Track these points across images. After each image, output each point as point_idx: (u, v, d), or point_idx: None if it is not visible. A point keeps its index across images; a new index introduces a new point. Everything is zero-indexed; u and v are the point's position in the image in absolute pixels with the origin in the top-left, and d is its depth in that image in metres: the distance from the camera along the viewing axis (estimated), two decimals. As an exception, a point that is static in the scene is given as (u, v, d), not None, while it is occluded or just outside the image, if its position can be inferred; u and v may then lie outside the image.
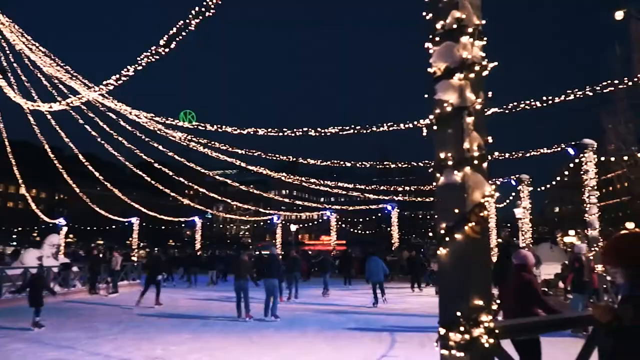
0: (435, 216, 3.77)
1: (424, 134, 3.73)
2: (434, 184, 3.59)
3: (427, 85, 3.77)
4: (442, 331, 3.32)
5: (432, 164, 3.63)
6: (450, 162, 3.41)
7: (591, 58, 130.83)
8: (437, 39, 3.61)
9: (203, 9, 8.07)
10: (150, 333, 11.42)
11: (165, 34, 9.13)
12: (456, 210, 3.36)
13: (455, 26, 3.52)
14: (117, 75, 10.70)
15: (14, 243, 63.49)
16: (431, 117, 3.58)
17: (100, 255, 24.46)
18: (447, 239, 3.38)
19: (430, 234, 68.28)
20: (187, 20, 8.45)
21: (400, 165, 25.70)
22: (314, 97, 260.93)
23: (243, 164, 28.74)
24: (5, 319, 13.06)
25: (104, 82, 11.41)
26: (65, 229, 38.44)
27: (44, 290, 12.46)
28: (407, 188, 34.13)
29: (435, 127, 3.55)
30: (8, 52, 28.20)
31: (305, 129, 16.41)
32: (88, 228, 52.01)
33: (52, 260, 20.60)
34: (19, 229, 66.79)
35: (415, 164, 22.69)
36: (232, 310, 13.72)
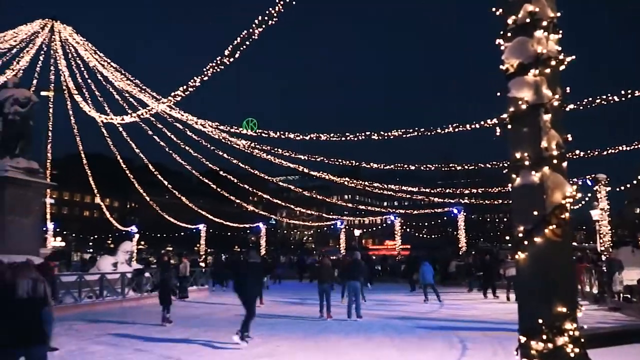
0: (511, 219, 3.62)
1: (497, 133, 3.60)
2: (510, 185, 3.46)
3: (498, 83, 3.64)
4: (523, 339, 3.17)
5: (500, 164, 3.51)
6: (527, 162, 3.26)
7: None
8: (509, 34, 3.49)
9: (266, 18, 8.21)
10: (221, 336, 11.66)
11: (230, 44, 9.36)
12: (535, 213, 3.20)
13: (528, 20, 3.38)
14: (184, 87, 11.07)
15: (91, 250, 67.01)
16: (505, 115, 3.45)
17: (171, 262, 25.24)
18: (525, 242, 3.23)
19: (500, 237, 66.08)
20: (251, 30, 8.63)
21: (466, 167, 25.11)
22: (375, 100, 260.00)
23: (306, 170, 29.03)
24: (84, 322, 13.71)
25: (172, 94, 11.85)
26: (137, 236, 40.06)
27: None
28: (473, 190, 33.34)
29: (509, 126, 3.41)
30: (83, 69, 29.98)
31: (367, 133, 16.37)
32: (158, 235, 54.12)
33: (126, 267, 21.47)
34: (95, 236, 70.37)
35: (482, 165, 22.12)
36: (299, 314, 13.83)
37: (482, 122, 13.93)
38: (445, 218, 41.95)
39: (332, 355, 9.75)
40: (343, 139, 17.13)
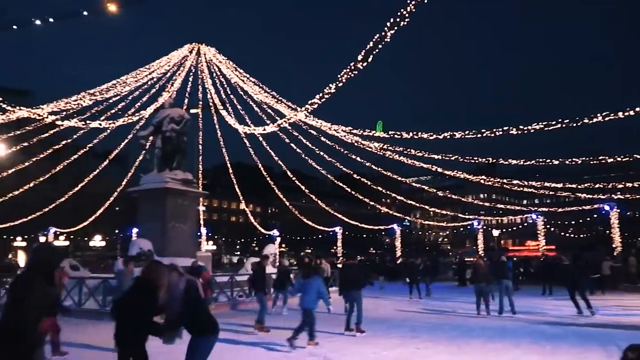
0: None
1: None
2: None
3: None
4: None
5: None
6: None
7: None
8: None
9: (398, 19, 8.29)
10: (361, 337, 11.97)
11: (362, 49, 9.58)
12: None
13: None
14: (320, 94, 11.54)
15: (238, 253, 71.92)
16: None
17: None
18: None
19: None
20: (383, 33, 8.76)
21: (620, 159, 22.86)
22: (512, 93, 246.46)
23: (439, 169, 28.53)
24: (237, 318, 14.85)
25: (309, 102, 12.43)
26: (278, 239, 42.16)
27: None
28: (628, 185, 30.13)
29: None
30: (225, 86, 32.46)
31: (505, 128, 15.67)
32: (297, 238, 56.49)
33: (271, 268, 22.81)
34: (241, 240, 75.36)
35: (638, 157, 19.99)
36: (438, 318, 13.66)
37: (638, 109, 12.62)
38: (595, 216, 38.42)
39: (477, 358, 9.55)
40: (479, 135, 16.60)
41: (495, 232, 53.07)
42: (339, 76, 10.54)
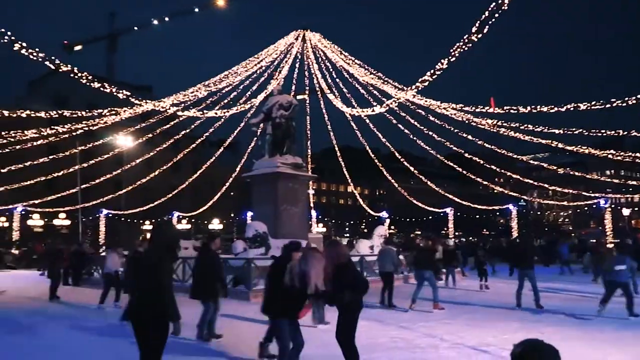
0: None
1: None
2: None
3: None
4: None
5: None
6: None
7: None
8: None
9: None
10: (480, 320, 11.54)
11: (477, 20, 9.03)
12: None
13: None
14: (432, 71, 11.10)
15: (347, 235, 72.73)
16: None
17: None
18: None
19: None
20: (499, 1, 8.20)
21: None
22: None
23: (560, 145, 26.54)
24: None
25: (420, 80, 12.01)
26: (387, 221, 41.91)
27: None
28: None
29: None
30: (331, 70, 32.64)
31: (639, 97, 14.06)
32: (407, 219, 55.83)
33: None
34: (351, 222, 76.10)
35: None
36: (563, 301, 12.75)
37: None
38: None
39: (610, 348, 8.77)
40: (607, 106, 15.07)
41: (626, 211, 48.60)
42: (451, 50, 10.02)
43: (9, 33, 16.14)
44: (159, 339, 4.91)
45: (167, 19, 59.75)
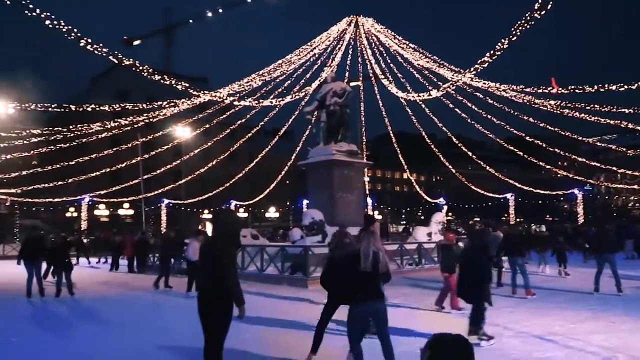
0: None
1: None
2: None
3: None
4: None
5: None
6: None
7: None
8: None
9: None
10: (545, 308, 11.09)
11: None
12: None
13: None
14: (491, 51, 10.63)
15: (403, 222, 72.00)
16: None
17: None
18: None
19: None
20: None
21: None
22: None
23: (630, 125, 25.04)
24: (408, 287, 14.79)
25: (479, 61, 11.54)
26: (445, 207, 41.15)
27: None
28: None
29: None
30: (385, 55, 32.16)
31: None
32: (465, 206, 54.66)
33: (440, 236, 22.31)
34: (407, 209, 75.29)
35: None
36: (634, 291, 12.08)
37: None
38: None
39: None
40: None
41: None
42: (512, 29, 9.49)
43: (75, 30, 16.82)
44: (223, 323, 5.07)
45: (220, 10, 60.58)
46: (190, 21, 67.91)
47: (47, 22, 15.94)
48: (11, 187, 35.81)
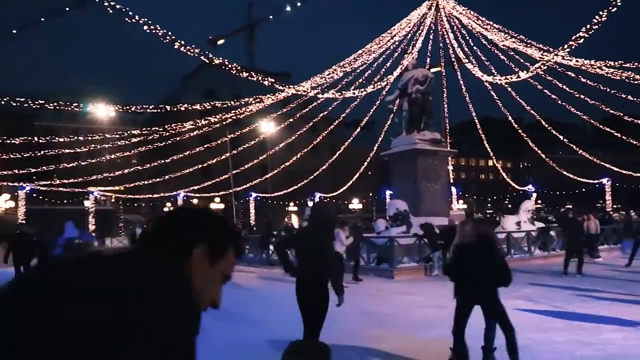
0: None
1: None
2: None
3: None
4: None
5: None
6: None
7: None
8: None
9: None
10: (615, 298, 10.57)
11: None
12: None
13: None
14: (587, 26, 10.06)
15: (490, 211, 69.84)
16: None
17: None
18: None
19: None
20: None
21: None
22: None
23: None
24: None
25: (573, 37, 10.99)
26: (534, 195, 39.48)
27: None
28: None
29: None
30: (467, 37, 31.29)
31: None
32: (555, 193, 52.10)
33: (529, 225, 21.54)
34: (493, 198, 72.92)
35: None
36: None
37: None
38: None
39: None
40: None
41: None
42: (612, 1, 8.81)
43: (169, 33, 17.90)
44: (322, 311, 5.37)
45: (299, 4, 61.32)
46: (271, 17, 69.35)
47: (145, 27, 17.06)
48: (115, 184, 38.62)
